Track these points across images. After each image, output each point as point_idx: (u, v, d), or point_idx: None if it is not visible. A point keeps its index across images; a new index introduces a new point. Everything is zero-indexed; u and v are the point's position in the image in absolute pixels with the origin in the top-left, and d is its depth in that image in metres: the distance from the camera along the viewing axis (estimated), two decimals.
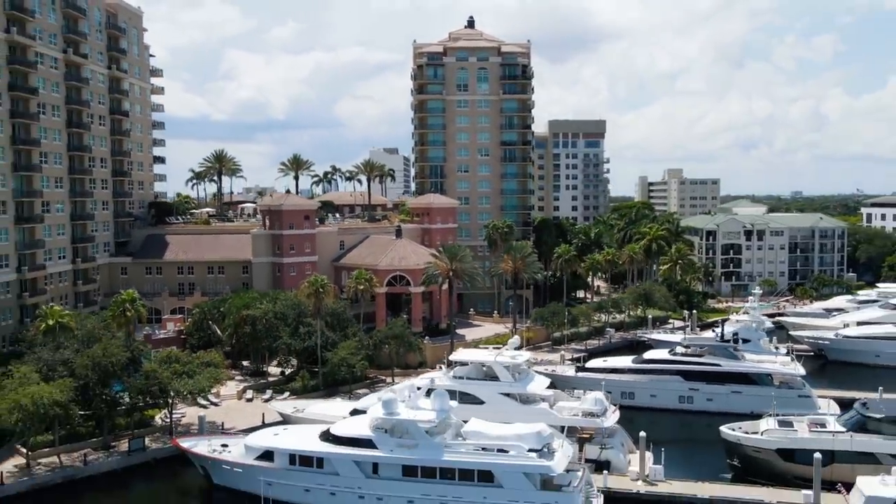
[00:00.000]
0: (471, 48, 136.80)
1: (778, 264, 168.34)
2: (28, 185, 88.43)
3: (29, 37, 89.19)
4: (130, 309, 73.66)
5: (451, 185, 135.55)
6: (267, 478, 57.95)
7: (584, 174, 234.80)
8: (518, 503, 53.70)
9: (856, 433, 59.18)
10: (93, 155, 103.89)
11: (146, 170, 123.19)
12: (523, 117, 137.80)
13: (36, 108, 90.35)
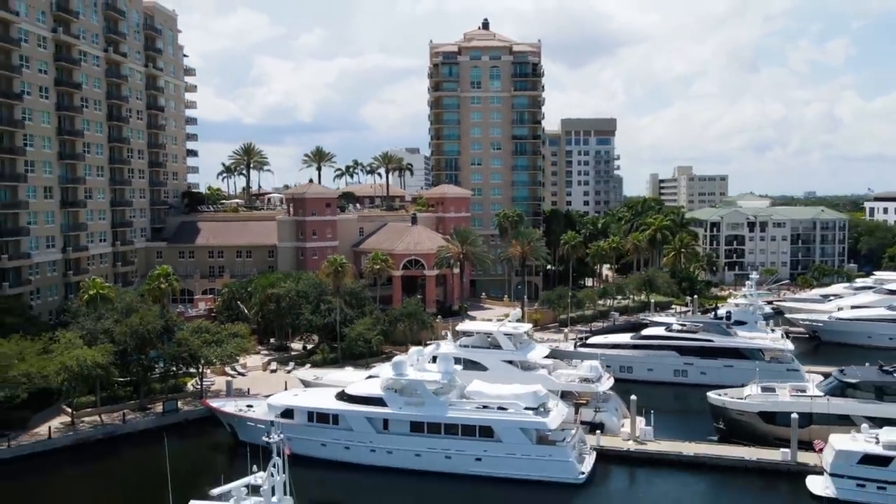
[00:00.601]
0: (484, 47, 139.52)
1: (780, 255, 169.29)
2: (72, 173, 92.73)
3: (73, 36, 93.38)
4: (165, 283, 77.57)
5: (465, 177, 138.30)
6: (287, 433, 60.90)
7: (595, 170, 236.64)
8: (515, 456, 56.63)
9: (833, 397, 61.15)
10: (131, 146, 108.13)
11: (180, 162, 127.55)
12: (533, 113, 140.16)
13: (79, 102, 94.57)
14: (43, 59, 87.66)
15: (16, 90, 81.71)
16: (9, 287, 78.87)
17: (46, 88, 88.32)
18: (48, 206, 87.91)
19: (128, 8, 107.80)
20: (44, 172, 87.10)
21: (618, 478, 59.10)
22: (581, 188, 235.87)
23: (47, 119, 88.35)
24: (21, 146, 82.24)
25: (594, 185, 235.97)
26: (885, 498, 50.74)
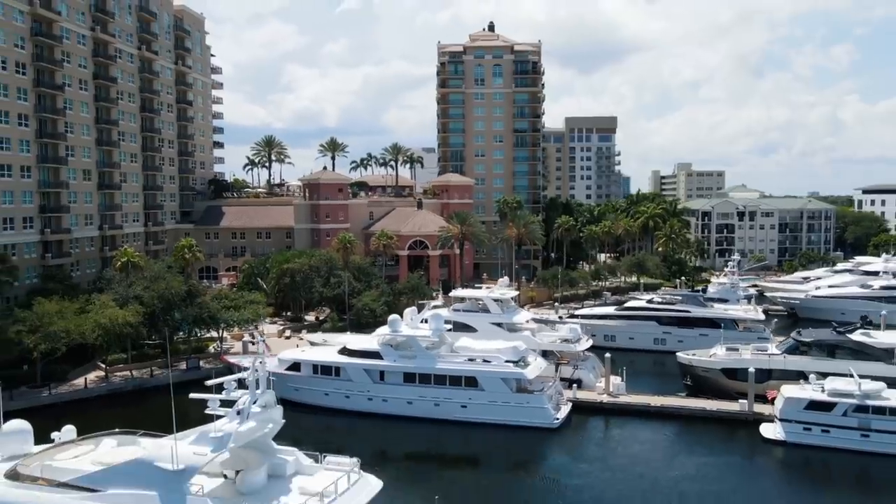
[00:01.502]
0: (487, 47, 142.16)
1: (768, 242, 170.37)
2: (108, 158, 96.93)
3: (110, 34, 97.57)
4: (189, 253, 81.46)
5: (469, 168, 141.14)
6: (295, 384, 64.72)
7: (597, 165, 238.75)
8: (497, 403, 59.51)
9: (789, 355, 63.40)
10: (162, 136, 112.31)
11: (207, 152, 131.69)
12: (533, 108, 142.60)
13: (115, 94, 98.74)
14: (82, 54, 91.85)
15: (58, 82, 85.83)
16: (51, 258, 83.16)
17: (85, 81, 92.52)
18: (87, 188, 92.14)
19: (159, 10, 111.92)
20: (83, 157, 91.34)
21: (590, 425, 61.72)
22: (584, 182, 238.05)
23: (86, 109, 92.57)
24: (62, 132, 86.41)
25: (596, 179, 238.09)
26: (829, 440, 52.95)
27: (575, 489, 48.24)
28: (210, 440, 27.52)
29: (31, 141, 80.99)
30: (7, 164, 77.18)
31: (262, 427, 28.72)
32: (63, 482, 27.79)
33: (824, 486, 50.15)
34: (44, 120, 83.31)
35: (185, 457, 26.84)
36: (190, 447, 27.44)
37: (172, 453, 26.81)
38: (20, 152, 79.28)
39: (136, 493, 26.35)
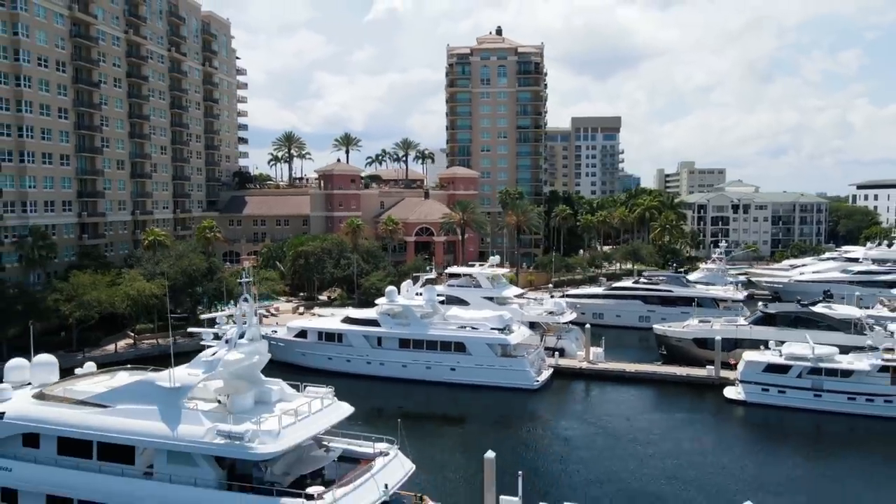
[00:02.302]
0: (492, 49, 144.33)
1: (762, 234, 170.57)
2: (140, 150, 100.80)
3: (142, 37, 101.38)
4: (210, 233, 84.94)
5: (475, 162, 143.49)
6: (302, 350, 67.87)
7: (601, 162, 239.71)
8: (483, 366, 62.07)
9: (756, 325, 65.29)
10: (189, 131, 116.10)
11: (232, 147, 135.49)
12: (535, 106, 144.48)
13: (147, 92, 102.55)
14: (117, 55, 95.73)
15: (94, 79, 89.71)
16: (87, 239, 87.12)
17: (119, 79, 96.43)
18: (120, 176, 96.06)
19: (188, 15, 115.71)
20: (117, 148, 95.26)
21: (570, 387, 64.00)
22: (588, 178, 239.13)
23: (120, 104, 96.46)
24: (98, 125, 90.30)
25: (600, 175, 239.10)
26: (785, 399, 54.86)
27: (553, 440, 50.65)
28: (202, 363, 30.53)
29: (69, 132, 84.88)
30: (48, 153, 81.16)
31: (249, 357, 31.61)
32: (80, 400, 30.99)
33: (780, 441, 51.96)
34: (81, 113, 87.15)
35: (181, 378, 29.87)
36: (185, 370, 30.47)
37: (170, 375, 29.86)
38: (60, 142, 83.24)
39: (140, 408, 29.41)
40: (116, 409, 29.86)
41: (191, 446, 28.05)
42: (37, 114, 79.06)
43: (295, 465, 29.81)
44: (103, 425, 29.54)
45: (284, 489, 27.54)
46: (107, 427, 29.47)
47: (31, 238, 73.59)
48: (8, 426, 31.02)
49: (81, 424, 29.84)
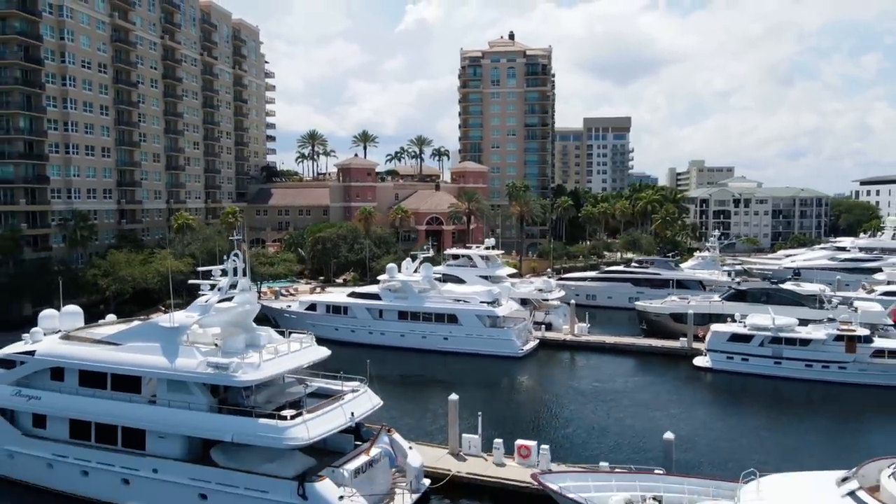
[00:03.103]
0: (502, 52, 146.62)
1: (762, 227, 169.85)
2: (174, 144, 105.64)
3: (177, 42, 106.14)
4: (233, 218, 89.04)
5: (486, 157, 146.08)
6: (311, 321, 71.13)
7: (612, 161, 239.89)
8: (472, 336, 64.62)
9: (727, 301, 66.82)
10: (220, 129, 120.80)
11: (260, 143, 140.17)
12: (543, 105, 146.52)
13: (180, 92, 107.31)
14: (153, 58, 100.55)
15: (133, 80, 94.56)
16: (126, 223, 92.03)
17: (156, 81, 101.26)
18: (156, 168, 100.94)
19: (219, 23, 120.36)
20: (153, 142, 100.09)
21: (553, 357, 66.18)
22: (599, 176, 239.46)
23: (156, 103, 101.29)
24: (136, 121, 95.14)
25: (611, 173, 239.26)
26: (747, 366, 56.37)
27: (525, 395, 53.27)
28: (197, 307, 33.93)
29: (110, 127, 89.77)
30: (91, 146, 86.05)
31: (240, 305, 34.92)
32: (97, 340, 34.65)
33: (742, 403, 53.56)
34: (121, 111, 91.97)
35: (178, 319, 33.28)
36: (183, 313, 33.89)
37: (170, 317, 33.32)
38: (102, 136, 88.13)
39: (145, 345, 32.88)
40: (126, 346, 33.41)
41: (186, 375, 31.43)
42: (81, 110, 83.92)
43: (276, 396, 33.01)
44: (115, 360, 33.11)
45: (263, 412, 30.73)
46: (118, 361, 33.04)
47: (73, 221, 78.37)
48: (38, 362, 34.81)
49: (97, 359, 33.47)
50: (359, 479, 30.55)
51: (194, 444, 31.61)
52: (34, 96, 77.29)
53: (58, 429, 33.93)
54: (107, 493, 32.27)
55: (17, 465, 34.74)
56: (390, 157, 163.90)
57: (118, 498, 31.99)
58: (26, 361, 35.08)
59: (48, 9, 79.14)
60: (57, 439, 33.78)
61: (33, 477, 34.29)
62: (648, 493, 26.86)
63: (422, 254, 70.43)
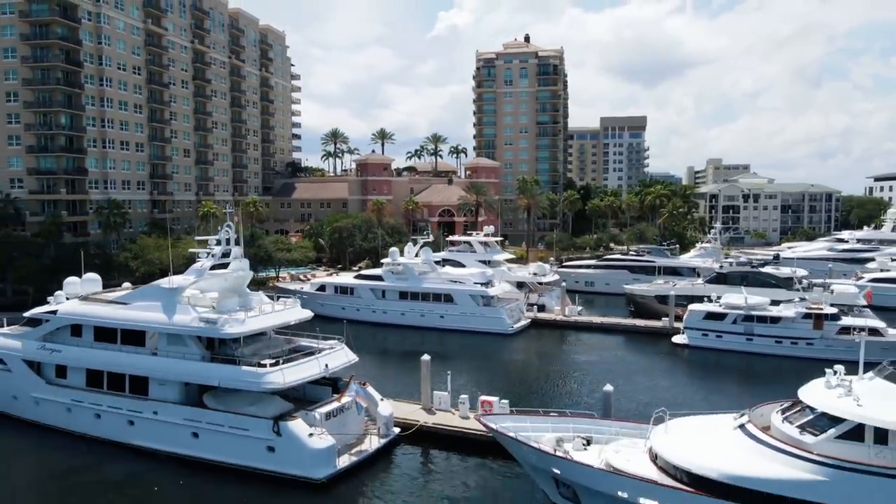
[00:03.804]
0: (515, 53, 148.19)
1: (771, 222, 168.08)
2: (204, 141, 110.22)
3: (206, 46, 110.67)
4: (254, 207, 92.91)
5: (499, 154, 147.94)
6: (321, 301, 74.31)
7: (628, 159, 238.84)
8: (467, 314, 66.95)
9: (709, 283, 67.87)
10: (247, 127, 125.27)
11: (286, 141, 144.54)
12: (554, 104, 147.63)
13: (210, 92, 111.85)
14: (184, 61, 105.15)
15: (165, 81, 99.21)
16: (157, 213, 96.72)
17: (186, 82, 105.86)
18: (186, 163, 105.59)
19: (247, 28, 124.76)
20: (183, 139, 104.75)
21: (542, 335, 67.93)
22: (615, 174, 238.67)
23: (187, 102, 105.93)
24: (167, 119, 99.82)
25: (627, 171, 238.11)
26: (721, 343, 57.59)
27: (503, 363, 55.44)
28: (193, 271, 37.11)
29: (143, 124, 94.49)
30: (126, 141, 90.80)
31: (233, 271, 38.00)
32: (109, 301, 38.14)
33: (716, 376, 54.69)
34: (154, 109, 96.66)
35: (176, 281, 36.51)
36: (181, 277, 37.12)
37: (170, 280, 36.59)
38: (136, 132, 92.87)
39: (149, 304, 36.17)
40: (132, 305, 36.79)
41: (181, 329, 34.61)
42: (117, 109, 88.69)
43: (261, 350, 35.94)
44: (123, 317, 36.50)
45: (247, 361, 33.71)
46: (126, 318, 36.42)
47: (108, 209, 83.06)
48: (60, 320, 38.44)
49: (109, 317, 36.91)
50: (329, 421, 33.32)
51: (190, 390, 34.78)
52: (74, 96, 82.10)
53: (76, 378, 37.45)
54: (115, 433, 35.64)
55: (42, 410, 38.41)
56: (410, 155, 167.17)
57: (124, 437, 35.31)
58: (50, 319, 38.75)
59: (87, 16, 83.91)
60: (75, 387, 37.32)
61: (55, 420, 37.90)
62: (579, 434, 28.96)
63: (422, 239, 72.96)
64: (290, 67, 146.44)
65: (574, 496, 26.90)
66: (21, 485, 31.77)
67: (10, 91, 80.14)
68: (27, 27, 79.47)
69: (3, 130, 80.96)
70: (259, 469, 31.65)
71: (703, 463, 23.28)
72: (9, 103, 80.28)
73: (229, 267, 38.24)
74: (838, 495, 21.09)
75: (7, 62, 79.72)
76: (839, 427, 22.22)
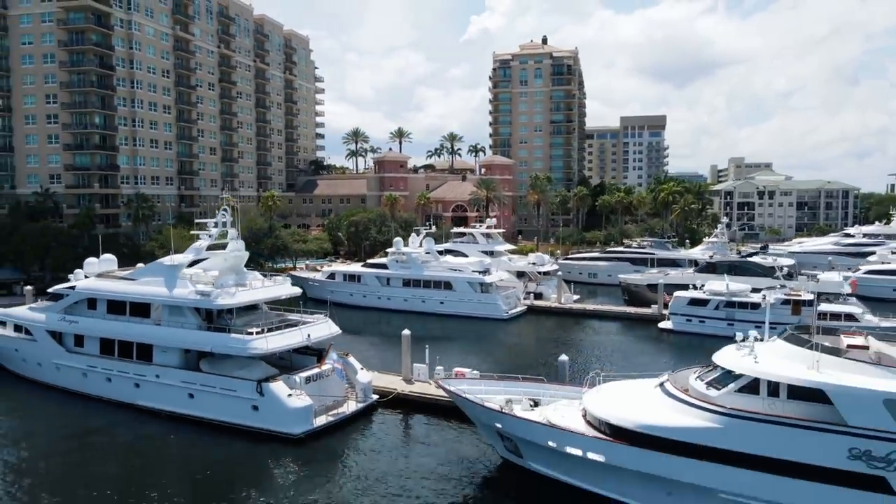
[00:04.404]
0: (530, 54, 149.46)
1: (786, 219, 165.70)
2: (229, 140, 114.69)
3: (232, 50, 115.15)
4: (273, 201, 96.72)
5: (514, 152, 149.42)
6: (331, 288, 77.46)
7: (647, 157, 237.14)
8: (465, 300, 69.15)
9: (699, 273, 68.69)
10: (271, 127, 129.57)
11: (310, 140, 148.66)
12: (567, 103, 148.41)
13: (235, 94, 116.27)
14: (211, 64, 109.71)
15: (192, 83, 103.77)
16: (185, 207, 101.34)
17: (213, 84, 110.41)
18: (212, 160, 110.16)
19: (271, 33, 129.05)
20: (210, 137, 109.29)
21: (537, 320, 69.49)
22: (635, 172, 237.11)
23: (213, 103, 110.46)
24: (195, 119, 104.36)
25: (647, 169, 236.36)
26: (704, 327, 58.53)
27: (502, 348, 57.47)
28: (191, 250, 40.34)
29: (172, 124, 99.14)
30: (155, 139, 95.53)
31: (231, 251, 41.10)
32: (120, 277, 41.66)
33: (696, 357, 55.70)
34: (181, 110, 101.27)
35: (177, 259, 39.76)
36: (181, 255, 40.37)
37: (171, 258, 39.89)
38: (164, 132, 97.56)
39: (153, 279, 39.45)
40: (140, 280, 40.16)
41: (179, 300, 37.80)
42: (146, 109, 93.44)
43: (252, 322, 38.89)
44: (132, 291, 39.90)
45: (237, 330, 36.67)
46: (134, 292, 39.80)
47: (136, 202, 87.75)
48: (78, 294, 42.07)
49: (120, 291, 40.37)
50: (309, 385, 36.06)
51: (190, 357, 37.92)
52: (107, 97, 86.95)
53: (91, 346, 41.01)
54: (123, 394, 39.01)
55: (62, 375, 42.13)
56: (431, 154, 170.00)
57: (131, 398, 38.64)
58: (69, 294, 42.45)
59: (119, 23, 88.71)
60: (90, 354, 40.90)
61: (72, 384, 41.54)
62: (528, 396, 31.08)
63: (424, 230, 75.45)
64: (313, 70, 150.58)
65: (516, 449, 29.05)
66: (44, 442, 35.15)
67: (49, 94, 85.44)
68: (65, 34, 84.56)
69: (44, 130, 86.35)
70: (245, 426, 34.57)
71: (621, 415, 25.24)
72: (48, 105, 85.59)
73: (227, 248, 41.32)
74: (735, 441, 22.84)
75: (46, 67, 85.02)
76: (738, 381, 23.97)
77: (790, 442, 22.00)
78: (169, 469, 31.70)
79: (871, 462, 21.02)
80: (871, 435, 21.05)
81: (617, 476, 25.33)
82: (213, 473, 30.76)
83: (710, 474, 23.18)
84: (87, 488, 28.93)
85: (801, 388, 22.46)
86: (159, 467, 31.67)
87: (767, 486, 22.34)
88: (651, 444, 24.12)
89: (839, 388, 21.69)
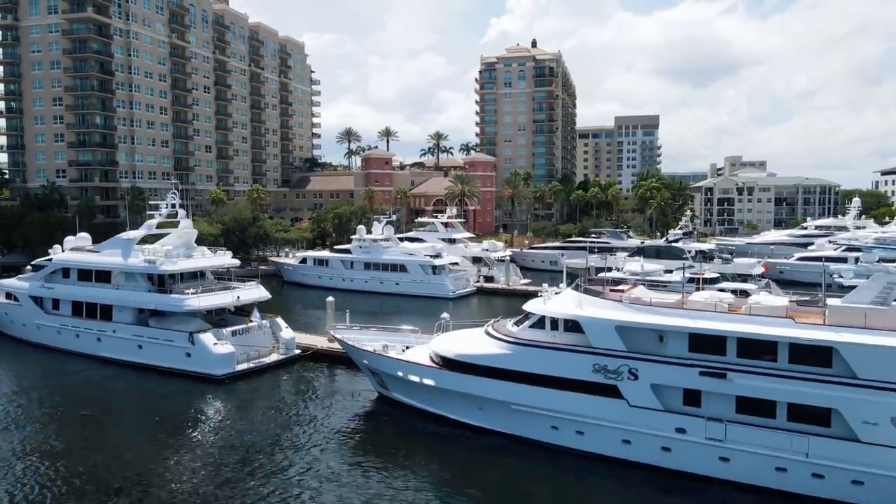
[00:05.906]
0: (514, 57, 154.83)
1: (765, 214, 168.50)
2: (224, 138, 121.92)
3: (227, 56, 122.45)
4: (258, 195, 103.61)
5: (499, 150, 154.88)
6: (303, 272, 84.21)
7: (641, 157, 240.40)
8: (417, 281, 75.24)
9: (630, 257, 73.79)
10: (266, 127, 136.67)
11: (305, 140, 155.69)
12: (550, 103, 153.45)
13: (230, 96, 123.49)
14: (206, 69, 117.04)
15: (188, 86, 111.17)
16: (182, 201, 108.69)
17: (208, 87, 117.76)
18: (208, 157, 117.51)
19: (266, 39, 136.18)
20: (205, 136, 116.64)
21: (482, 299, 75.25)
22: (629, 171, 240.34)
23: (209, 105, 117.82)
24: (190, 119, 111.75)
25: (640, 168, 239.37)
26: None
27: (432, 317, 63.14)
28: (144, 227, 47.10)
29: (168, 124, 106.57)
30: (153, 138, 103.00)
31: (182, 230, 47.73)
32: (88, 250, 48.56)
33: None
34: (178, 111, 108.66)
35: (131, 234, 46.61)
36: (135, 231, 47.13)
37: (127, 234, 46.64)
38: (161, 131, 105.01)
39: (113, 251, 46.27)
40: (103, 252, 47.00)
41: (131, 267, 44.51)
42: (144, 111, 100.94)
43: (194, 286, 45.45)
44: (97, 261, 46.73)
45: (177, 291, 43.20)
46: (98, 262, 46.61)
47: (130, 196, 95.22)
48: (55, 264, 49.02)
49: (87, 262, 47.22)
50: (236, 337, 42.47)
51: (143, 315, 44.51)
52: (107, 100, 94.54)
53: (65, 308, 47.92)
54: (88, 347, 45.75)
55: (41, 333, 49.09)
56: (423, 152, 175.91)
57: (94, 350, 45.36)
58: (47, 265, 49.45)
59: (119, 33, 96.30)
60: (64, 315, 47.79)
61: (50, 340, 48.45)
62: (403, 343, 37.10)
63: (384, 218, 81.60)
64: (309, 74, 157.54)
65: (383, 383, 35.12)
66: (28, 385, 41.92)
67: (55, 97, 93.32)
68: (69, 43, 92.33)
69: (50, 129, 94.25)
70: (180, 369, 41.08)
71: (448, 349, 31.20)
72: (54, 107, 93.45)
73: (179, 226, 47.93)
74: (522, 363, 28.67)
75: (53, 72, 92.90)
76: (530, 319, 29.83)
77: (557, 362, 27.79)
78: (123, 403, 38.54)
79: (608, 374, 26.73)
80: (606, 353, 26.78)
81: (447, 397, 31.25)
82: (157, 406, 37.31)
83: (505, 391, 29.03)
84: (60, 419, 35.49)
85: (567, 320, 28.25)
86: (115, 403, 38.43)
87: (541, 396, 28.15)
88: (466, 370, 30.04)
89: (585, 318, 27.48)
